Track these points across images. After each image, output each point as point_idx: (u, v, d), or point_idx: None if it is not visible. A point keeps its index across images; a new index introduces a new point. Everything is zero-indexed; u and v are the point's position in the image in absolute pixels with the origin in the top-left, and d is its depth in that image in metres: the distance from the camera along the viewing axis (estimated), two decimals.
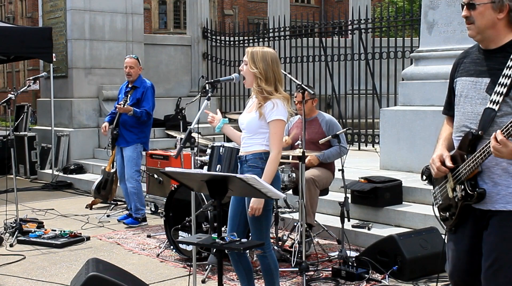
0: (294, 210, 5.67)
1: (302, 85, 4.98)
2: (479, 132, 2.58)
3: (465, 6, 2.63)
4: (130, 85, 6.81)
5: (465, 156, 2.64)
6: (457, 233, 2.78)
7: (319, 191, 5.45)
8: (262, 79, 3.68)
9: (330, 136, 5.28)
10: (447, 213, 2.80)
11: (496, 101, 2.53)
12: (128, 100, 6.64)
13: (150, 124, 6.89)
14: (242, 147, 3.83)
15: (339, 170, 5.10)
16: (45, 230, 6.30)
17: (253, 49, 3.76)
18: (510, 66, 2.50)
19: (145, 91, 6.72)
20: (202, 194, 5.15)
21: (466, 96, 2.70)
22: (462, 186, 2.65)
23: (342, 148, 5.40)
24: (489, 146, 2.44)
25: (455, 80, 2.81)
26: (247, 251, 3.83)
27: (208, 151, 5.20)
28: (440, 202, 2.87)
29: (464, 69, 2.76)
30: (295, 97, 5.55)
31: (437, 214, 2.89)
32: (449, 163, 2.71)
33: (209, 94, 3.85)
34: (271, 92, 3.68)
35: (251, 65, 3.71)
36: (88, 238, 6.19)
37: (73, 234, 6.19)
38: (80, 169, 10.26)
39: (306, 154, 4.78)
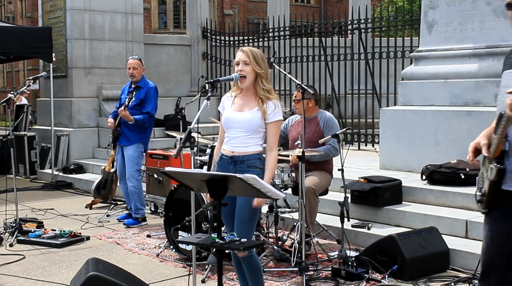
0: (294, 210, 5.67)
1: (302, 85, 4.98)
2: (503, 112, 2.77)
3: None
4: (133, 85, 6.83)
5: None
6: (493, 213, 2.91)
7: (319, 201, 5.45)
8: (265, 77, 3.77)
9: (330, 136, 5.27)
10: (481, 193, 2.96)
11: None
12: (133, 97, 6.64)
13: (152, 125, 6.89)
14: (233, 146, 3.78)
15: (338, 170, 5.10)
16: (45, 230, 6.31)
17: (251, 50, 3.80)
18: None
19: (148, 91, 6.74)
20: (202, 194, 5.14)
21: (506, 86, 2.90)
22: (491, 165, 2.82)
23: (332, 149, 5.40)
24: (504, 120, 2.70)
25: (502, 73, 3.03)
26: (254, 250, 3.84)
27: (208, 151, 5.21)
28: (481, 185, 3.00)
29: (508, 63, 2.99)
30: (295, 96, 5.55)
31: (476, 196, 3.03)
32: (484, 151, 2.87)
33: (209, 94, 3.84)
34: (270, 90, 3.77)
35: (255, 65, 3.73)
36: (88, 238, 6.19)
37: (73, 234, 6.19)
38: (80, 169, 10.26)
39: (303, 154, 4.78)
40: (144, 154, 7.14)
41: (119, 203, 7.89)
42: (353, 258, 4.87)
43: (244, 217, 3.72)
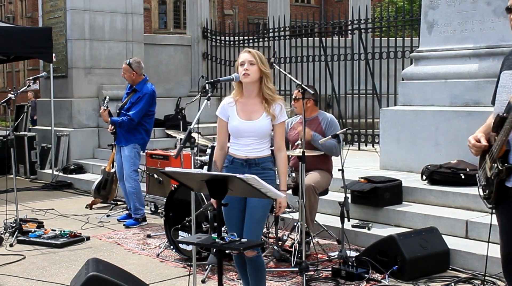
0: (294, 210, 5.67)
1: (302, 85, 4.98)
2: (504, 114, 2.87)
3: None
4: (134, 87, 6.84)
5: (496, 136, 2.94)
6: (501, 209, 3.03)
7: (318, 199, 5.45)
8: (270, 79, 3.80)
9: (330, 135, 5.27)
10: (487, 191, 3.06)
11: None
12: (128, 101, 6.70)
13: (148, 126, 6.85)
14: (247, 152, 3.77)
15: (339, 170, 5.10)
16: (45, 230, 6.31)
17: (256, 51, 3.83)
18: None
19: (141, 96, 6.70)
20: (202, 194, 5.15)
21: (504, 86, 2.99)
22: (495, 164, 2.92)
23: (337, 147, 5.40)
24: (508, 123, 2.79)
25: (500, 74, 3.08)
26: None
27: (208, 151, 5.21)
28: (483, 183, 3.10)
29: (507, 64, 3.04)
30: (294, 95, 5.56)
31: (481, 194, 3.14)
32: (483, 141, 2.98)
33: (209, 94, 3.84)
34: (274, 89, 3.81)
35: (261, 65, 3.75)
36: (88, 238, 6.20)
37: (73, 234, 6.19)
38: (80, 169, 10.26)
39: (306, 153, 4.78)
40: (143, 154, 7.14)
41: (119, 203, 7.89)
42: (353, 258, 4.87)
43: (256, 217, 3.74)
